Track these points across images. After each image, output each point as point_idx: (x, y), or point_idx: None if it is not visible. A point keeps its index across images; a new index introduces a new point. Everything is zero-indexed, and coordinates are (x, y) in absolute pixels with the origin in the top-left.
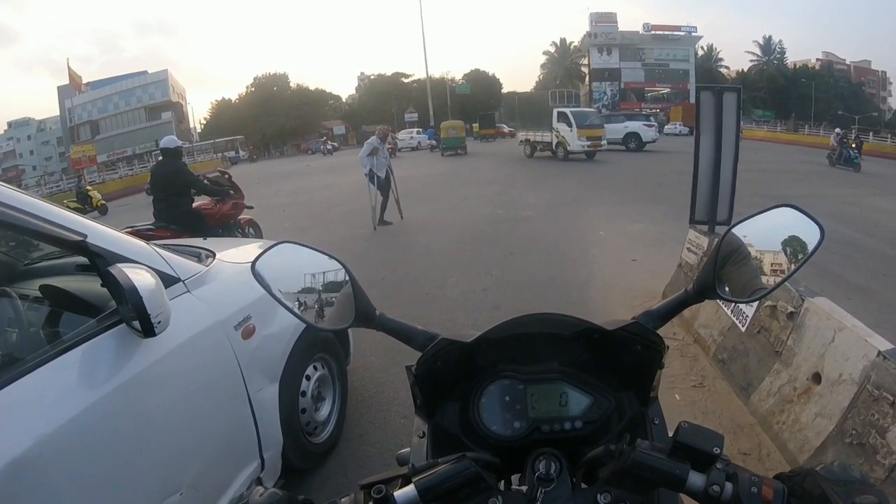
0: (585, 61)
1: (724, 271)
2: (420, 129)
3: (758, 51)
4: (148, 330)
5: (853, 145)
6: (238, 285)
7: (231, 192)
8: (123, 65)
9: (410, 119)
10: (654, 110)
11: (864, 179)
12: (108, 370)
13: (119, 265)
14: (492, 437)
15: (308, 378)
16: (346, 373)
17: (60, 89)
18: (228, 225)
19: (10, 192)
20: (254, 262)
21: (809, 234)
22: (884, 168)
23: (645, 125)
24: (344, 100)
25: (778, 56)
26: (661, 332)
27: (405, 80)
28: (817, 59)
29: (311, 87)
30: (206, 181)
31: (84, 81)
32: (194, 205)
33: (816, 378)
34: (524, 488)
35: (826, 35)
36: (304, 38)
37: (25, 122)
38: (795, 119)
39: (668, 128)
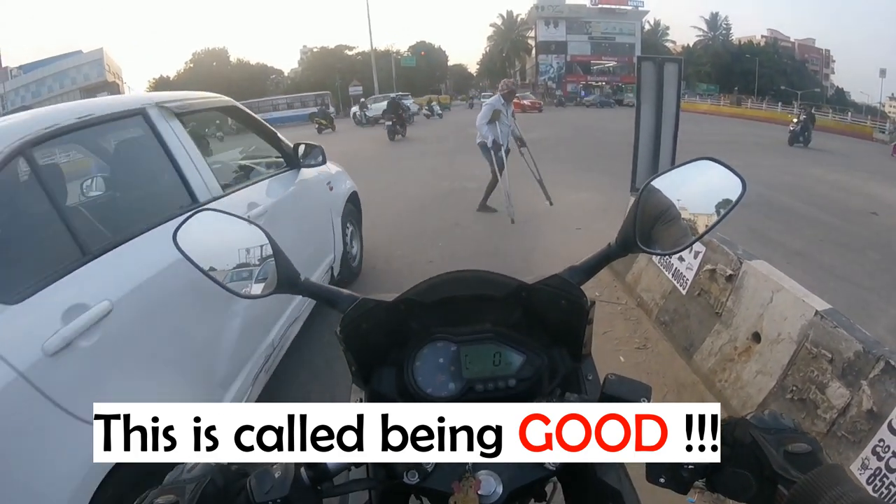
0: (532, 34)
1: (649, 225)
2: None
3: (704, 26)
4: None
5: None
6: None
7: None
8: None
9: (355, 92)
10: (599, 83)
11: (805, 151)
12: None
13: None
14: (428, 400)
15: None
16: (361, 231)
17: None
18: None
19: None
20: (175, 232)
21: (731, 186)
22: (827, 141)
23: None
24: (286, 74)
25: (724, 32)
26: (605, 296)
27: (349, 53)
28: (762, 36)
29: (252, 62)
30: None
31: (16, 64)
32: None
33: (756, 337)
34: None
35: (772, 12)
36: (242, 11)
37: None
38: (738, 93)
39: None
